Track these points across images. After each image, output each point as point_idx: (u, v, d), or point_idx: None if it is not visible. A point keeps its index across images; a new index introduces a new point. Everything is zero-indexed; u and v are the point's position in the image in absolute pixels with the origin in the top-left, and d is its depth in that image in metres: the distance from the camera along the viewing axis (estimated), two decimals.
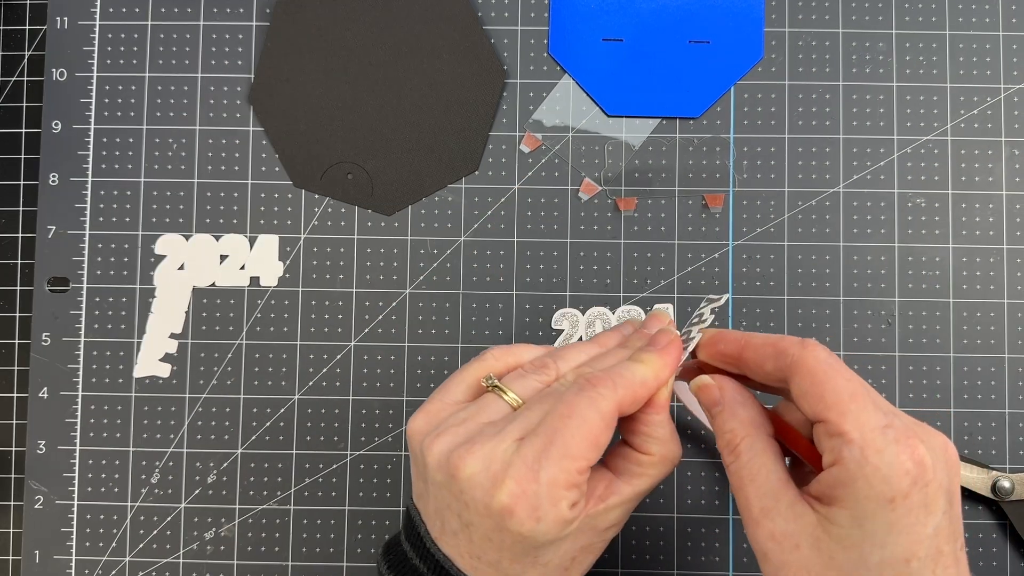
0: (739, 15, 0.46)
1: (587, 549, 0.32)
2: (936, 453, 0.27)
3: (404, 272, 0.46)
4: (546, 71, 0.47)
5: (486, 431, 0.30)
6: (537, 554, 0.30)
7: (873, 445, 0.26)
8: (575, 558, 0.31)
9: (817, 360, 0.28)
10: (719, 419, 0.31)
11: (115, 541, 0.45)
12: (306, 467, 0.46)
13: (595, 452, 0.30)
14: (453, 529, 0.30)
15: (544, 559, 0.30)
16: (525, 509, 0.28)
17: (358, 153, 0.47)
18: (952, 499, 0.27)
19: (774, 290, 0.46)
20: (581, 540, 0.31)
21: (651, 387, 0.32)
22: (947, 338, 0.45)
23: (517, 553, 0.30)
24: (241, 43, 0.48)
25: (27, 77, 0.48)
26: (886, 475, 0.26)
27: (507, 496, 0.28)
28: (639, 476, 0.32)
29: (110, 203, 0.47)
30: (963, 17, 0.46)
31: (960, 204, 0.46)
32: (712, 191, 0.46)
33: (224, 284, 0.47)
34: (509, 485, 0.28)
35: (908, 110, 0.46)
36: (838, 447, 0.27)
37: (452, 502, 0.30)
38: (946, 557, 0.26)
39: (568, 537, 0.30)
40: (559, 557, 0.31)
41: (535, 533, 0.29)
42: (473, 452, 0.29)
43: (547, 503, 0.28)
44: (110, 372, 0.46)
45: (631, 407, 0.31)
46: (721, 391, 0.31)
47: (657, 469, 0.32)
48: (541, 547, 0.30)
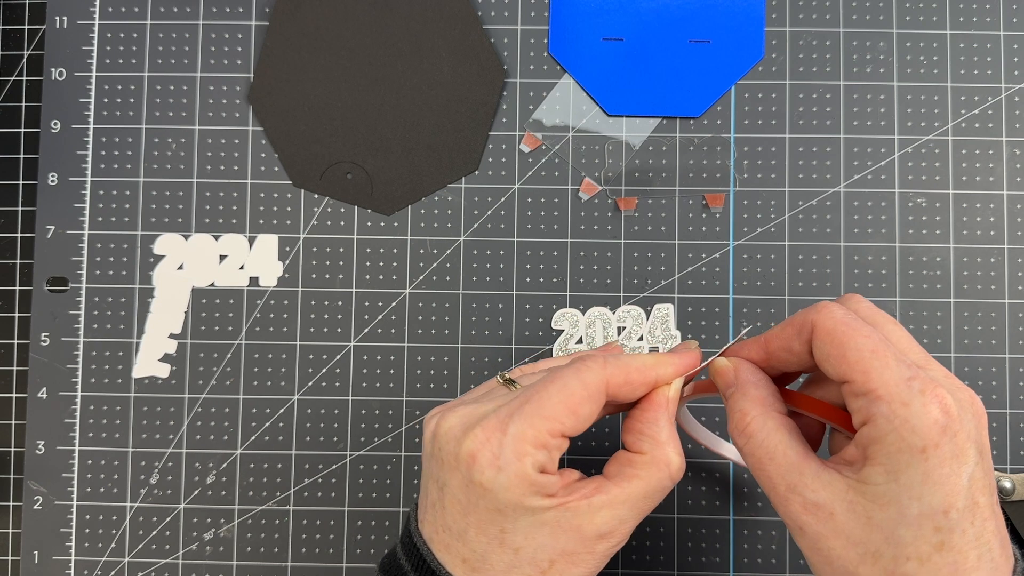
0: (740, 14, 0.46)
1: (569, 556, 0.29)
2: (963, 404, 0.27)
3: (404, 272, 0.46)
4: (546, 70, 0.47)
5: (473, 401, 0.31)
6: (504, 525, 0.29)
7: (899, 398, 0.26)
8: (553, 562, 0.29)
9: (834, 320, 0.28)
10: (731, 400, 0.31)
11: (114, 542, 0.45)
12: (305, 467, 0.46)
13: (571, 419, 0.29)
14: (432, 500, 0.31)
15: (513, 540, 0.29)
16: (487, 456, 0.28)
17: (358, 153, 0.47)
18: (982, 451, 0.27)
19: (775, 290, 0.45)
20: (561, 540, 0.29)
21: (647, 374, 0.31)
22: (948, 338, 0.45)
23: (483, 520, 0.29)
24: (240, 43, 0.47)
25: (26, 77, 0.48)
26: (915, 425, 0.25)
27: (472, 441, 0.29)
28: (630, 478, 0.30)
29: (109, 203, 0.47)
30: (964, 16, 0.46)
31: (961, 204, 0.46)
32: (713, 191, 0.46)
33: (223, 284, 0.46)
34: (476, 432, 0.29)
35: (909, 110, 0.46)
36: (866, 405, 0.26)
37: (433, 466, 0.30)
38: (983, 509, 0.26)
39: (543, 525, 0.29)
40: (532, 547, 0.29)
41: (495, 485, 0.28)
42: (454, 412, 0.30)
43: (510, 453, 0.28)
44: (109, 372, 0.46)
45: (622, 388, 0.31)
46: (736, 372, 0.31)
47: (648, 471, 0.30)
48: (506, 515, 0.29)
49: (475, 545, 0.29)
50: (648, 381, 0.31)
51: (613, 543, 0.30)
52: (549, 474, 0.29)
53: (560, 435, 0.29)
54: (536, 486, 0.28)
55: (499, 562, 0.29)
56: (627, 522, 0.30)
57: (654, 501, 0.31)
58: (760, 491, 0.45)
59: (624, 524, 0.30)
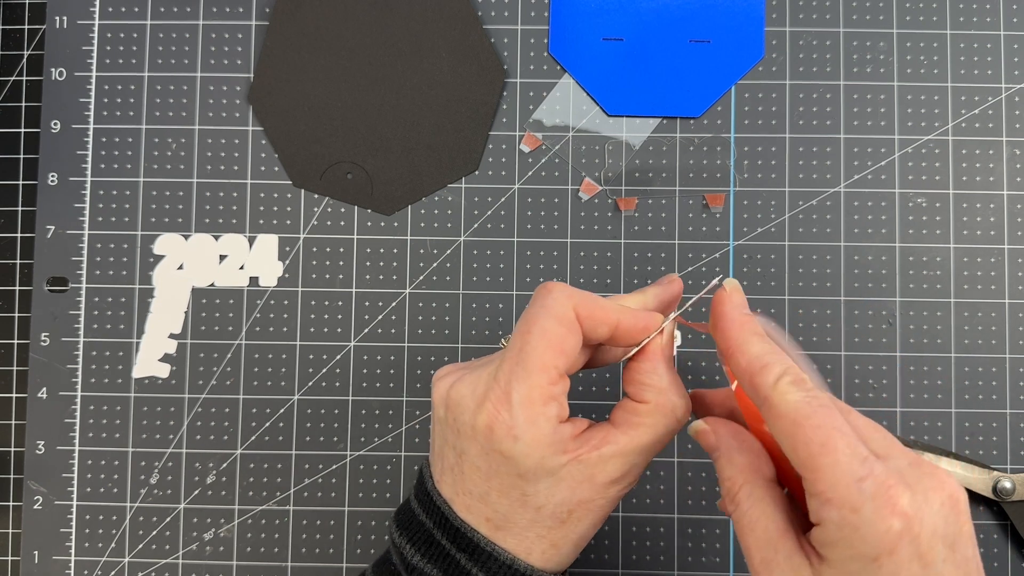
0: (740, 14, 0.46)
1: (586, 505, 0.30)
2: (928, 498, 0.24)
3: (404, 272, 0.46)
4: (546, 70, 0.47)
5: (480, 367, 0.31)
6: (526, 489, 0.29)
7: (848, 503, 0.24)
8: (571, 511, 0.30)
9: (786, 404, 0.26)
10: (717, 465, 0.30)
11: (114, 542, 0.45)
12: (305, 467, 0.46)
13: (561, 358, 0.29)
14: (450, 464, 0.31)
15: (535, 500, 0.30)
16: (502, 428, 0.29)
17: (358, 153, 0.47)
18: (955, 544, 0.24)
19: (775, 290, 0.45)
20: (578, 491, 0.30)
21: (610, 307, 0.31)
22: (948, 338, 0.45)
23: (505, 485, 0.30)
24: (240, 42, 0.47)
25: (26, 77, 0.48)
26: (865, 534, 0.24)
27: (485, 416, 0.29)
28: (637, 426, 0.30)
29: (109, 203, 0.47)
30: (964, 16, 0.46)
31: (961, 204, 0.46)
32: (713, 191, 0.46)
33: (223, 284, 0.46)
34: (487, 406, 0.29)
35: (909, 110, 0.46)
36: (816, 507, 0.25)
37: (449, 434, 0.31)
38: None
39: (560, 481, 0.29)
40: (552, 504, 0.30)
41: (515, 453, 0.29)
42: (463, 381, 0.31)
43: (523, 421, 0.29)
44: (109, 372, 0.46)
45: (593, 314, 0.30)
46: (717, 436, 0.30)
47: (654, 419, 0.30)
48: (528, 479, 0.29)
49: (498, 506, 0.30)
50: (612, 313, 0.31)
51: (624, 485, 0.31)
52: (563, 423, 0.30)
53: (558, 379, 0.30)
54: (553, 446, 0.29)
55: (521, 519, 0.30)
56: (638, 466, 0.31)
57: (663, 445, 0.31)
58: None
59: (635, 468, 0.31)
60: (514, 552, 0.30)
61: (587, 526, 0.31)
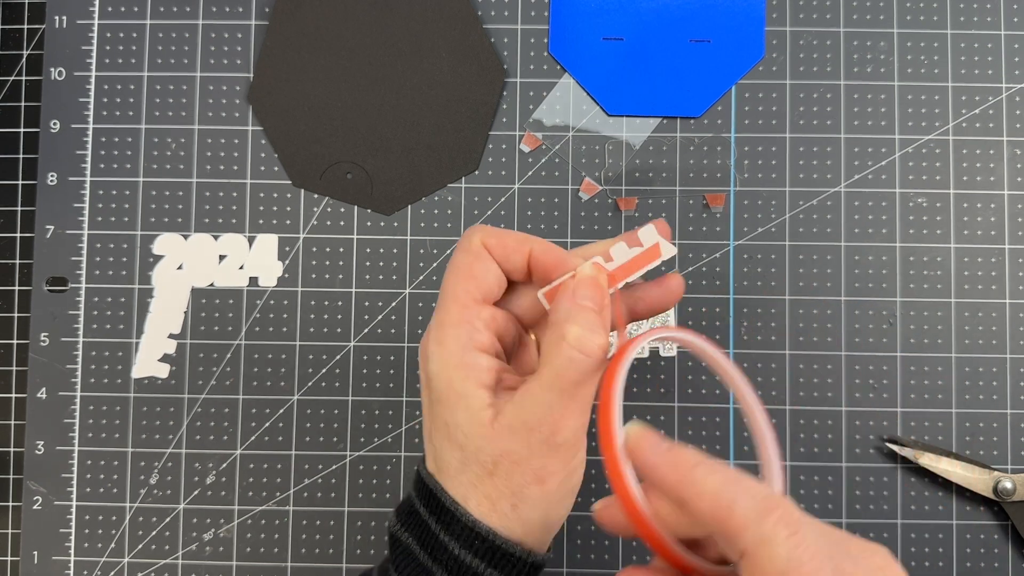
0: (740, 14, 0.46)
1: (508, 455, 0.29)
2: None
3: (404, 272, 0.46)
4: (546, 70, 0.47)
5: None
6: (447, 419, 0.30)
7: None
8: (496, 462, 0.29)
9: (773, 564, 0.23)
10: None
11: (114, 542, 0.45)
12: (305, 468, 0.46)
13: (472, 282, 0.30)
14: (424, 427, 0.32)
15: (457, 436, 0.29)
16: (423, 352, 0.31)
17: (357, 152, 0.46)
18: None
19: (775, 290, 0.45)
20: (497, 440, 0.29)
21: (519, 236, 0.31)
22: (948, 338, 0.45)
23: (434, 415, 0.30)
24: (240, 42, 0.47)
25: (25, 76, 0.48)
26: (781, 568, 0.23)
27: (422, 343, 0.31)
28: (540, 366, 0.29)
29: (108, 203, 0.47)
30: (964, 16, 0.46)
31: (962, 204, 0.46)
32: (713, 191, 0.46)
33: (223, 284, 0.46)
34: (424, 337, 0.31)
35: (909, 109, 0.46)
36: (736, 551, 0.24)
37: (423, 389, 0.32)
38: None
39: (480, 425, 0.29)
40: (474, 448, 0.29)
41: (429, 373, 0.30)
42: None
43: (433, 341, 0.30)
44: (109, 372, 0.46)
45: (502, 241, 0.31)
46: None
47: (552, 351, 0.29)
48: (444, 404, 0.30)
49: (435, 443, 0.31)
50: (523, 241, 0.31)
51: (545, 435, 0.29)
52: (483, 354, 0.30)
53: (472, 303, 0.30)
54: (463, 368, 0.29)
55: (452, 459, 0.30)
56: (550, 408, 0.29)
57: (569, 378, 0.28)
58: None
59: (549, 411, 0.29)
60: (453, 498, 0.30)
61: (518, 482, 0.29)
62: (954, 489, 0.44)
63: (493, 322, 0.31)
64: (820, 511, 0.44)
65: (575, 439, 0.30)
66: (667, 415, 0.45)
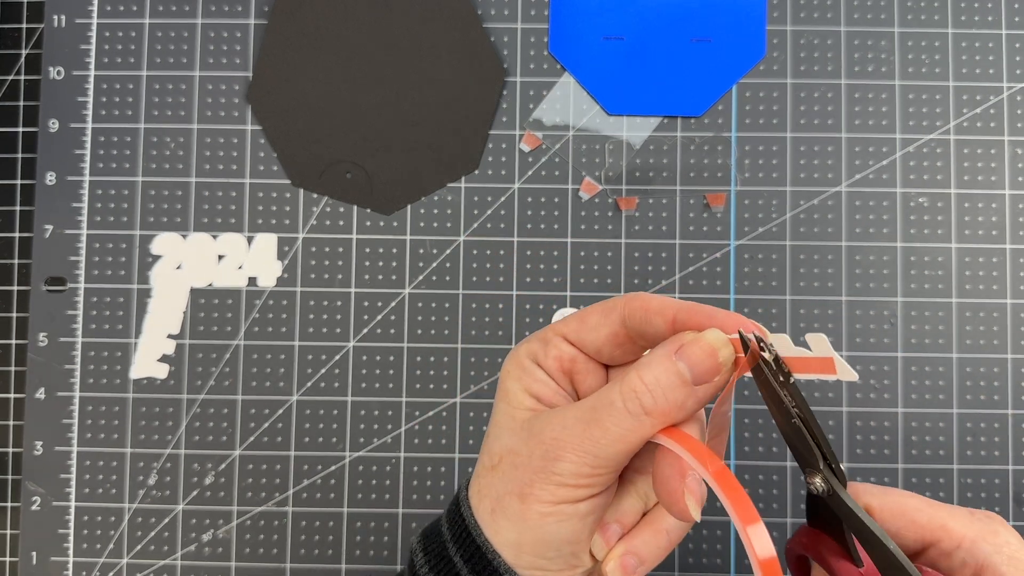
0: (741, 13, 0.46)
1: (512, 455, 0.27)
2: None
3: (403, 272, 0.46)
4: (546, 69, 0.47)
5: None
6: (492, 417, 0.30)
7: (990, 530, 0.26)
8: (502, 457, 0.28)
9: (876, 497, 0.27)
10: None
11: (112, 543, 0.45)
12: (304, 468, 0.45)
13: (575, 322, 0.29)
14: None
15: (491, 428, 0.29)
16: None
17: (357, 152, 0.46)
18: None
19: (776, 290, 0.45)
20: (515, 438, 0.28)
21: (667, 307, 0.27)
22: (950, 338, 0.45)
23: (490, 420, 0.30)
24: (239, 41, 0.47)
25: (24, 76, 0.47)
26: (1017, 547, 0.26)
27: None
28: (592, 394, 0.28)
29: (107, 202, 0.47)
30: (965, 15, 0.46)
31: (963, 203, 0.46)
32: (714, 190, 0.46)
33: (222, 284, 0.46)
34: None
35: (910, 109, 0.46)
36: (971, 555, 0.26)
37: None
38: None
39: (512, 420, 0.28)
40: (494, 439, 0.29)
41: (501, 371, 0.30)
42: None
43: (521, 343, 0.30)
44: (107, 373, 0.46)
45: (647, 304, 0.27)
46: None
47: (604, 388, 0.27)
48: (496, 402, 0.30)
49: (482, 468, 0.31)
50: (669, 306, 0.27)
51: (547, 454, 0.26)
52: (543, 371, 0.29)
53: (561, 336, 0.29)
54: (519, 369, 0.29)
55: (481, 448, 0.30)
56: (566, 432, 0.26)
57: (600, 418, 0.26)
58: (761, 492, 0.44)
59: (564, 433, 0.26)
60: (463, 487, 0.30)
61: (506, 486, 0.27)
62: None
63: (569, 360, 0.29)
64: None
65: (575, 479, 0.26)
66: None
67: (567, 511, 0.27)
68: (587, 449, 0.26)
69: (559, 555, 0.28)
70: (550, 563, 0.28)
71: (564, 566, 0.28)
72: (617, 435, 0.26)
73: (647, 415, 0.26)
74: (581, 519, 0.27)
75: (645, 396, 0.26)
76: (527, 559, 0.27)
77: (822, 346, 0.24)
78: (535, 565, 0.28)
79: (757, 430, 0.45)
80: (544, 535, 0.27)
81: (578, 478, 0.26)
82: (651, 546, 0.30)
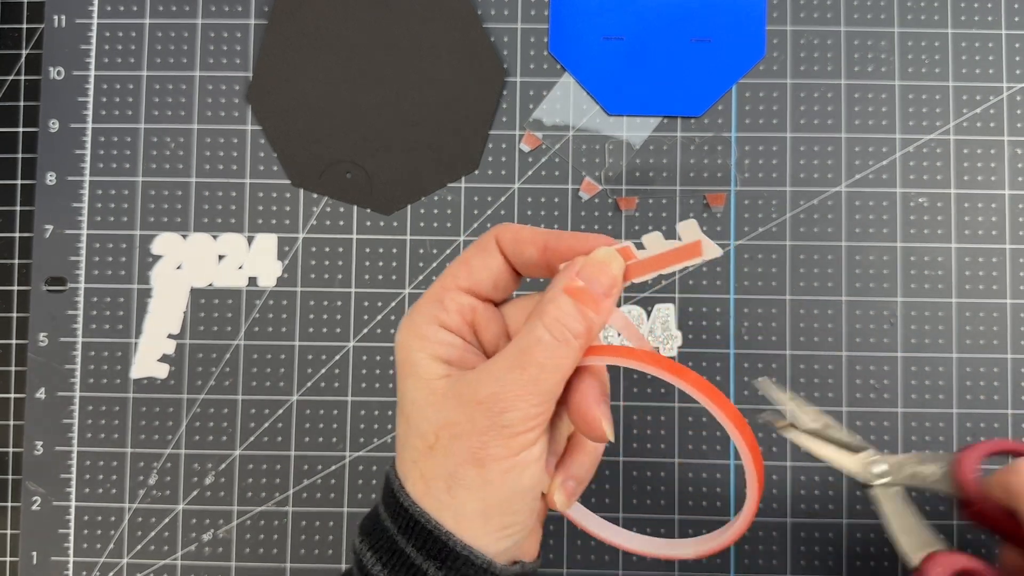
0: (741, 13, 0.46)
1: (450, 427, 0.27)
2: None
3: (403, 272, 0.46)
4: (546, 69, 0.47)
5: None
6: (402, 388, 0.29)
7: None
8: (437, 435, 0.27)
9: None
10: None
11: (113, 542, 0.45)
12: (304, 468, 0.45)
13: (464, 269, 0.29)
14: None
15: (404, 406, 0.28)
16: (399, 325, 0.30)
17: (357, 152, 0.46)
18: None
19: (776, 290, 0.45)
20: (443, 410, 0.27)
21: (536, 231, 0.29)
22: (950, 338, 0.45)
23: (398, 392, 0.29)
24: (239, 41, 0.47)
25: (24, 76, 0.47)
26: None
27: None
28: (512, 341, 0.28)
29: (107, 202, 0.47)
30: (965, 15, 0.46)
31: (963, 203, 0.46)
32: (713, 190, 0.46)
33: (222, 284, 0.46)
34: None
35: (910, 109, 0.46)
36: None
37: None
38: None
39: (431, 394, 0.27)
40: (419, 419, 0.28)
41: (396, 343, 0.29)
42: None
43: (406, 318, 0.29)
44: (107, 373, 0.46)
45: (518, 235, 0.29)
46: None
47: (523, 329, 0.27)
48: (403, 376, 0.28)
49: (398, 423, 0.29)
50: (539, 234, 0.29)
51: (493, 411, 0.26)
52: (446, 331, 0.29)
53: (454, 287, 0.29)
54: (421, 338, 0.28)
55: (401, 435, 0.29)
56: (504, 383, 0.27)
57: (533, 357, 0.27)
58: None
59: (502, 386, 0.27)
60: (400, 479, 0.28)
61: (455, 460, 0.27)
62: None
63: (470, 311, 0.29)
64: (820, 510, 0.44)
65: (525, 424, 0.27)
66: (667, 415, 0.45)
67: (526, 458, 0.27)
68: (529, 390, 0.27)
69: (525, 505, 0.28)
70: (519, 516, 0.28)
71: (530, 514, 0.29)
72: (553, 366, 0.27)
73: (576, 338, 0.27)
74: (537, 461, 0.28)
75: (569, 320, 0.27)
76: (496, 521, 0.28)
77: (692, 231, 0.28)
78: (504, 524, 0.28)
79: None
80: (511, 491, 0.27)
81: (527, 421, 0.27)
82: (584, 466, 0.31)
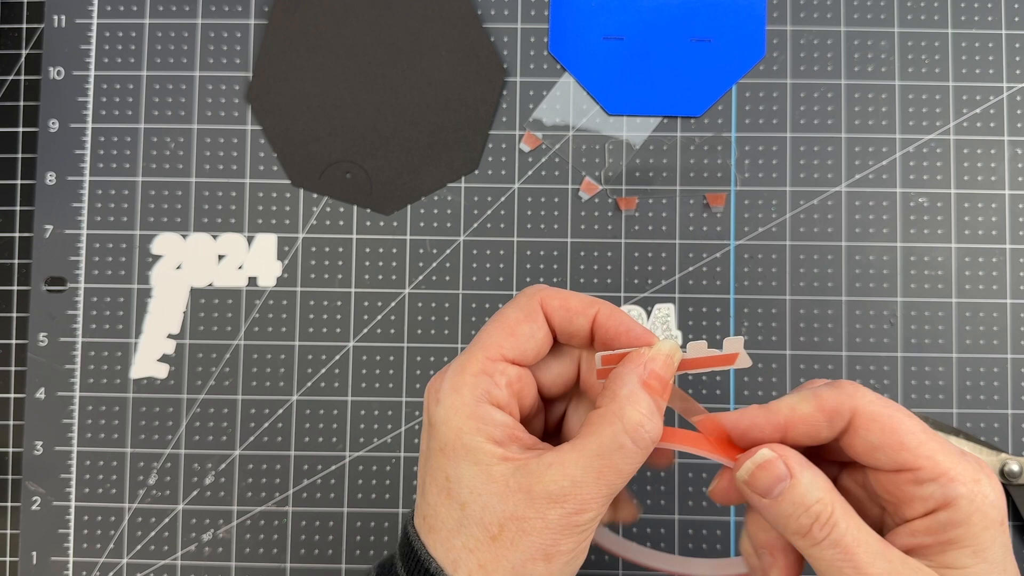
0: (741, 13, 0.46)
1: (519, 522, 0.26)
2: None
3: (403, 272, 0.46)
4: (546, 69, 0.47)
5: None
6: (448, 473, 0.27)
7: (971, 477, 0.26)
8: (503, 526, 0.26)
9: (875, 405, 0.27)
10: (792, 494, 0.27)
11: (112, 542, 0.45)
12: (304, 468, 0.45)
13: (510, 339, 0.28)
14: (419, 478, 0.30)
15: (459, 493, 0.27)
16: (432, 394, 0.28)
17: (357, 152, 0.46)
18: None
19: (776, 290, 0.45)
20: (509, 502, 0.26)
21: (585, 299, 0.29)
22: (949, 338, 0.45)
23: (433, 466, 0.28)
24: (239, 41, 0.47)
25: (24, 76, 0.47)
26: (993, 501, 0.26)
27: (431, 385, 0.29)
28: (584, 435, 0.27)
29: (107, 202, 0.47)
30: (965, 15, 0.46)
31: (963, 203, 0.46)
32: (713, 190, 0.46)
33: (222, 284, 0.46)
34: (435, 378, 0.29)
35: (910, 109, 0.46)
36: (939, 490, 0.26)
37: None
38: None
39: (491, 482, 0.27)
40: (479, 507, 0.27)
41: (437, 419, 0.28)
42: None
43: (448, 386, 0.28)
44: (107, 373, 0.46)
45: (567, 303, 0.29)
46: (788, 462, 0.27)
47: (601, 426, 0.27)
48: (447, 455, 0.27)
49: (430, 497, 0.28)
50: (588, 304, 0.29)
51: (567, 510, 0.26)
52: (496, 408, 0.28)
53: (501, 358, 0.28)
54: (476, 419, 0.27)
55: (448, 518, 0.27)
56: (582, 485, 0.26)
57: (614, 463, 0.27)
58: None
59: (578, 487, 0.26)
60: (441, 564, 0.27)
61: (523, 554, 0.26)
62: None
63: (518, 383, 0.29)
64: None
65: (597, 520, 0.27)
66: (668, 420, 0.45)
67: (586, 543, 0.28)
68: (604, 493, 0.27)
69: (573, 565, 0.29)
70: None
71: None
72: (631, 471, 0.27)
73: (654, 443, 0.28)
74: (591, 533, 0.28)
75: (651, 425, 0.27)
76: None
77: (734, 345, 0.29)
78: None
79: None
80: (570, 571, 0.28)
81: (599, 517, 0.27)
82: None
